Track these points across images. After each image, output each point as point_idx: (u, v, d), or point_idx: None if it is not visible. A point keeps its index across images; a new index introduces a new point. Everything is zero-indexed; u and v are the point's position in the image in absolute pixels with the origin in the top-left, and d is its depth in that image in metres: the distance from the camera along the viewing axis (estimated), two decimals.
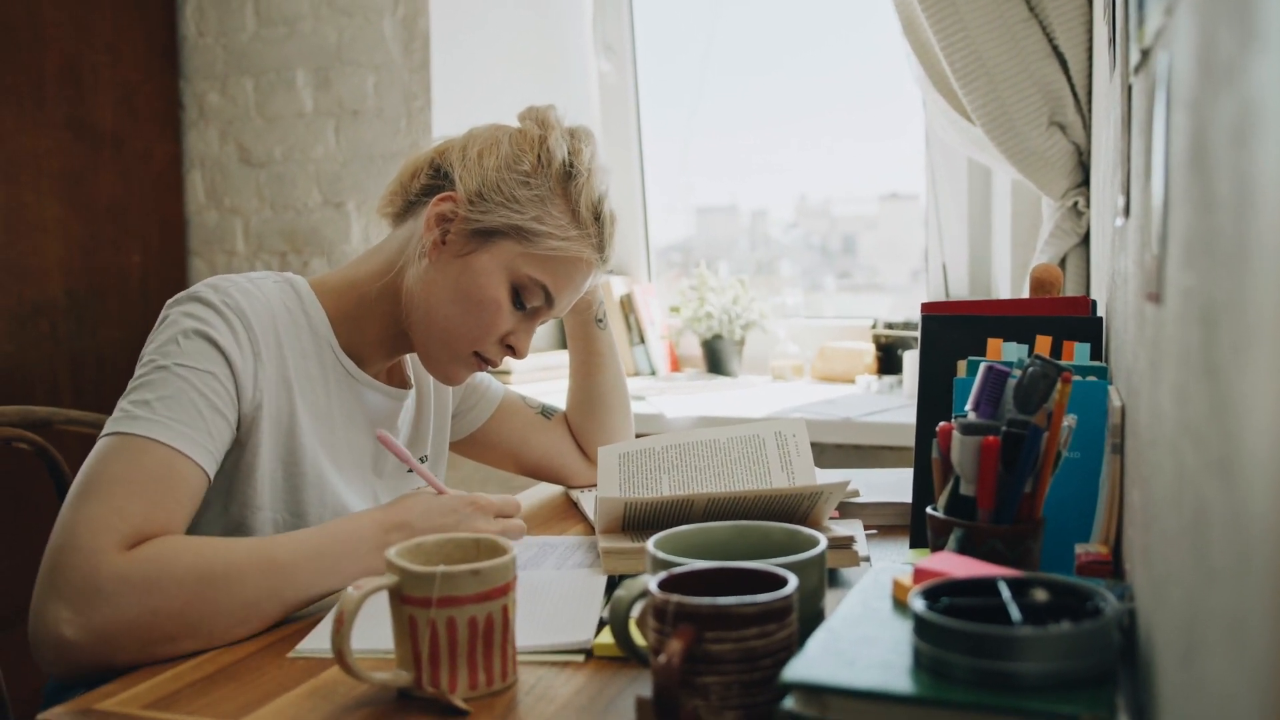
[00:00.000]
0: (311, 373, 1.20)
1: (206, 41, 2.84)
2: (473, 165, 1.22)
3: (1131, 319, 0.91)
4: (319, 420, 1.20)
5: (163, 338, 1.10)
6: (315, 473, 1.18)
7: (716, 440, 1.32)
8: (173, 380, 1.06)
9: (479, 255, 1.20)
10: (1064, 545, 1.01)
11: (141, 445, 1.02)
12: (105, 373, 2.65)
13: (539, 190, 1.21)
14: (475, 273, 1.20)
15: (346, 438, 1.24)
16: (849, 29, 2.90)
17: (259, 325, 1.13)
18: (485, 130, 1.27)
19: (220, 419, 1.08)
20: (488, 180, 1.20)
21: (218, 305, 1.11)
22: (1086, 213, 1.93)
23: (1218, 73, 0.43)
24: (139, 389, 1.06)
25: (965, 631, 0.65)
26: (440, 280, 1.21)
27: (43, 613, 0.95)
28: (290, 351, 1.17)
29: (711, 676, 0.73)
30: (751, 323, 2.68)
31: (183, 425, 1.04)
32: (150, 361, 1.08)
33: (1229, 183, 0.41)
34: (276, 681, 0.90)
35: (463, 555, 0.91)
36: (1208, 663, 0.45)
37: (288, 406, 1.16)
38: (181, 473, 1.03)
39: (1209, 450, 0.45)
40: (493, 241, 1.20)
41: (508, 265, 1.21)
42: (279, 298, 1.18)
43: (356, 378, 1.24)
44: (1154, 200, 0.65)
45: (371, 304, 1.24)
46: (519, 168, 1.21)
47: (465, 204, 1.20)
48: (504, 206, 1.20)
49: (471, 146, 1.24)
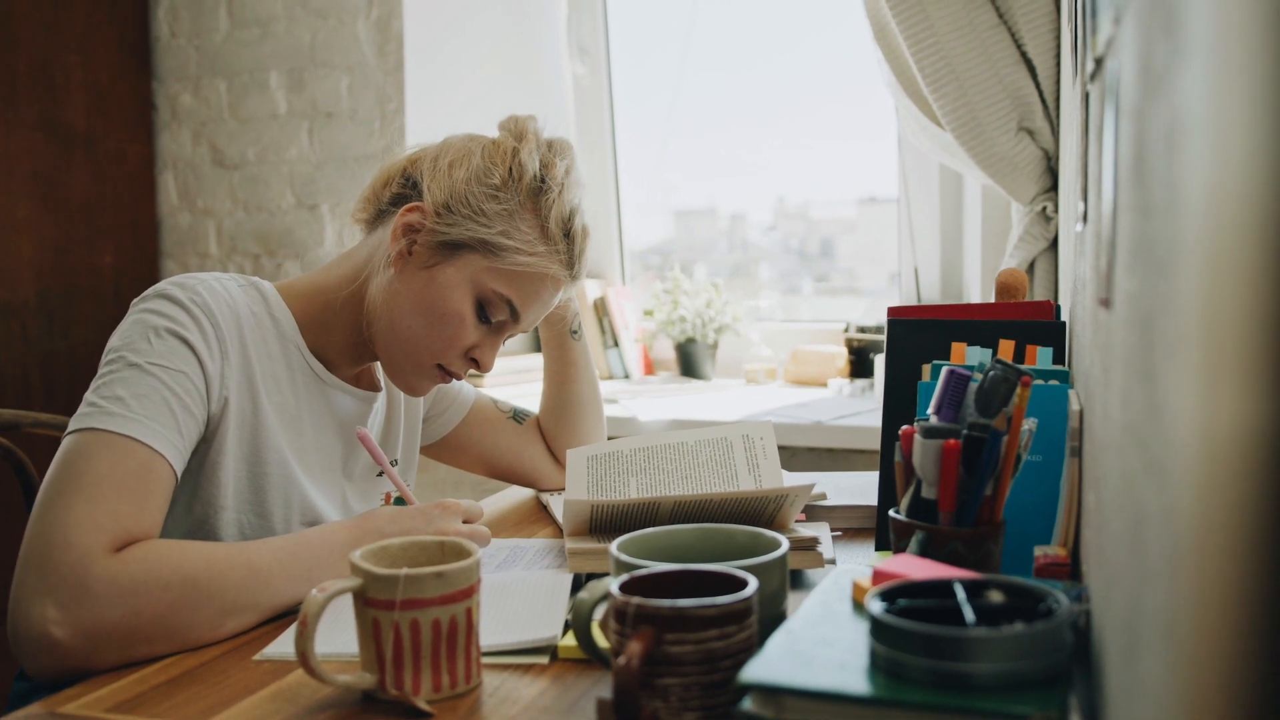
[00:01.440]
0: (279, 374, 1.20)
1: (179, 42, 2.83)
2: (442, 176, 1.21)
3: (1088, 324, 0.92)
4: (287, 422, 1.20)
5: (133, 335, 1.09)
6: (281, 474, 1.18)
7: (684, 443, 1.32)
8: (146, 378, 1.06)
9: (444, 268, 1.20)
10: (1025, 548, 1.02)
11: (122, 443, 1.02)
12: (77, 374, 2.64)
13: (508, 204, 1.20)
14: (440, 285, 1.20)
15: (315, 440, 1.24)
16: (825, 31, 2.92)
17: (225, 324, 1.13)
18: (460, 140, 1.26)
19: (191, 418, 1.08)
20: (456, 192, 1.20)
21: (185, 303, 1.11)
22: (1055, 218, 1.95)
23: (1153, 81, 0.44)
24: (110, 384, 1.06)
25: (920, 633, 0.66)
26: (404, 291, 1.20)
27: (28, 610, 0.94)
28: (255, 352, 1.16)
29: (671, 678, 0.74)
30: (725, 326, 2.69)
31: (157, 424, 1.04)
32: (120, 358, 1.07)
33: (1162, 189, 0.42)
34: (241, 684, 0.90)
35: (427, 558, 0.91)
36: (1146, 661, 0.45)
37: (252, 407, 1.16)
38: (159, 474, 1.03)
39: (1147, 452, 0.46)
40: (459, 255, 1.20)
41: (473, 279, 1.20)
42: (243, 299, 1.18)
43: (325, 380, 1.24)
44: (1104, 206, 0.66)
45: (338, 310, 1.24)
46: (489, 181, 1.20)
47: (433, 215, 1.20)
48: (471, 220, 1.19)
49: (444, 157, 1.23)
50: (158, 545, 0.99)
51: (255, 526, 1.17)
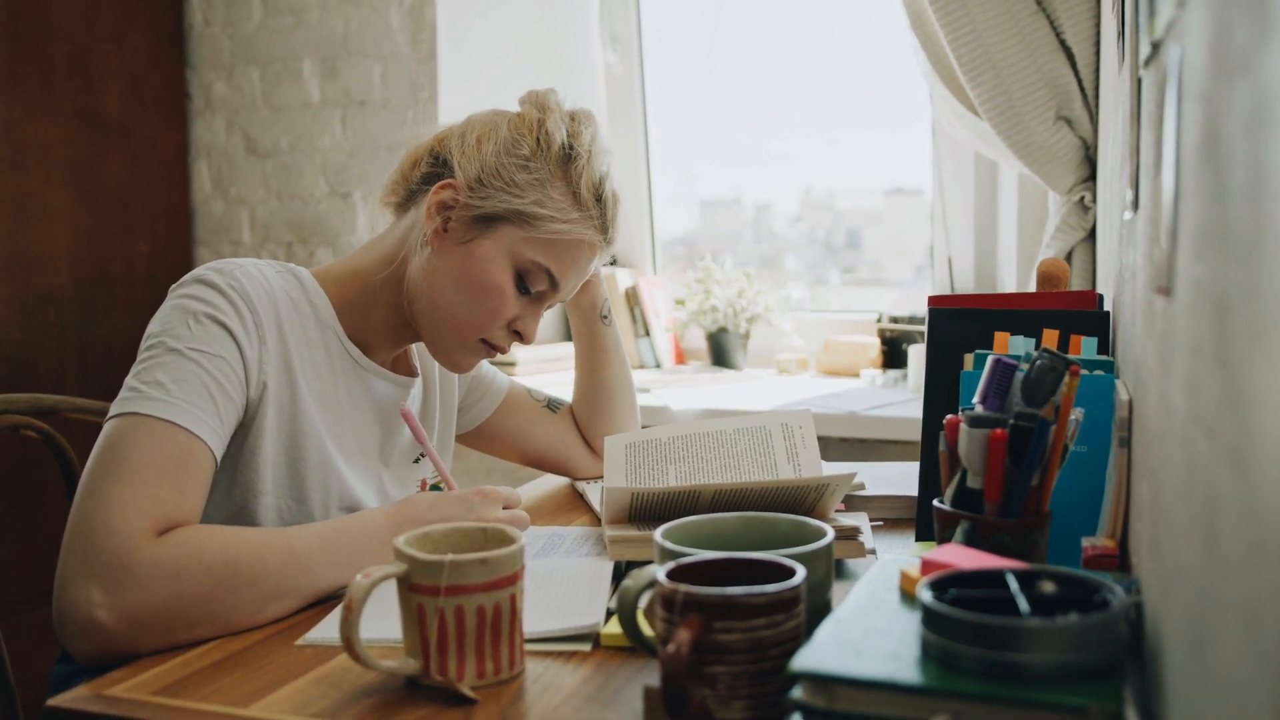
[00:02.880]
0: (317, 359, 1.20)
1: (213, 31, 2.84)
2: (471, 151, 1.21)
3: (1140, 313, 0.91)
4: (325, 406, 1.20)
5: (171, 321, 1.09)
6: (319, 459, 1.19)
7: (723, 431, 1.32)
8: (185, 363, 1.06)
9: (481, 241, 1.20)
10: (1070, 539, 1.01)
11: (163, 428, 1.02)
12: (112, 361, 2.66)
13: (538, 174, 1.21)
14: (478, 259, 1.20)
15: (354, 425, 1.24)
16: (854, 21, 2.90)
17: (263, 309, 1.13)
18: (484, 116, 1.27)
19: (230, 403, 1.08)
20: (487, 166, 1.20)
21: (223, 288, 1.11)
22: (1093, 207, 1.93)
23: (1232, 63, 0.43)
24: (150, 369, 1.06)
25: (973, 622, 0.65)
26: (443, 268, 1.21)
27: (72, 593, 0.95)
28: (293, 338, 1.17)
29: (720, 666, 0.73)
30: (757, 316, 2.68)
31: (197, 409, 1.05)
32: (160, 343, 1.08)
33: (1243, 172, 0.41)
34: (285, 669, 0.90)
35: (471, 545, 0.91)
36: (1218, 653, 0.45)
37: (290, 391, 1.16)
38: (199, 458, 1.04)
39: (1221, 440, 0.45)
40: (494, 227, 1.20)
41: (510, 251, 1.21)
42: (280, 285, 1.18)
43: (363, 365, 1.25)
44: (1164, 193, 0.65)
45: (376, 293, 1.24)
46: (518, 152, 1.21)
47: (465, 191, 1.20)
48: (504, 191, 1.20)
49: (470, 133, 1.24)
50: (199, 530, 1.00)
51: (294, 511, 1.18)
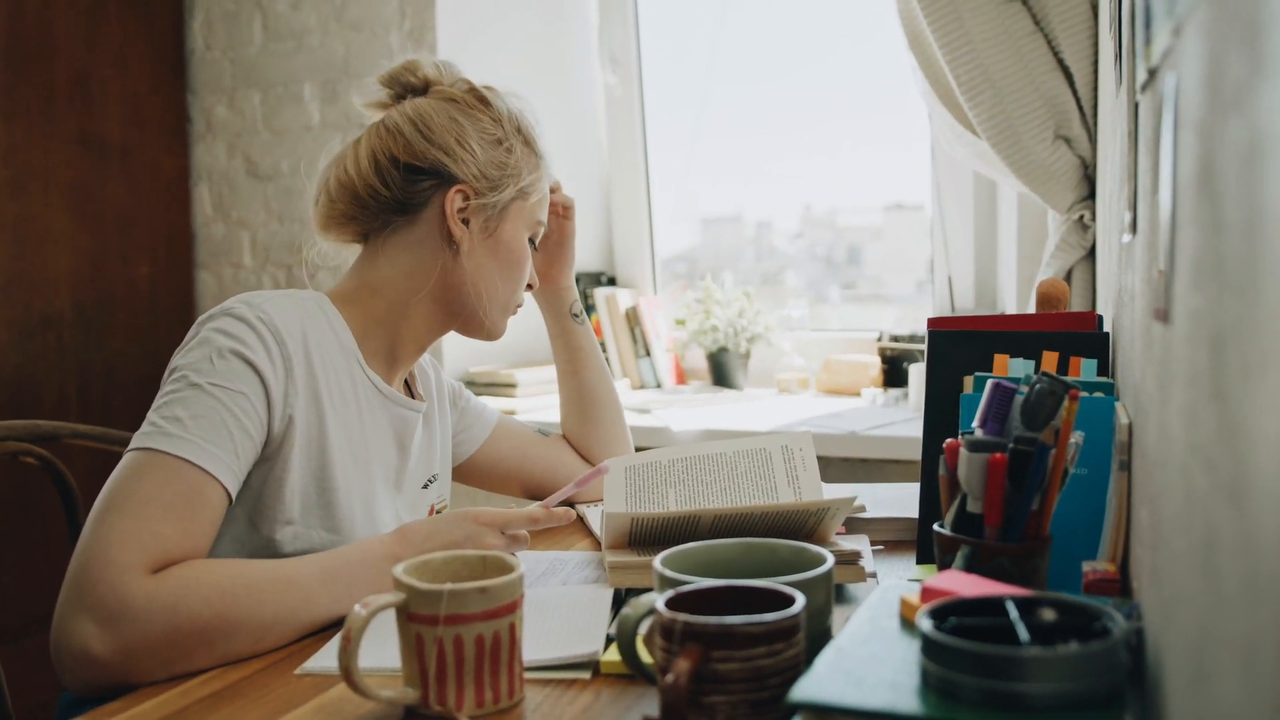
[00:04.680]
0: (344, 387, 1.20)
1: (214, 55, 2.85)
2: (461, 152, 1.26)
3: (1139, 336, 0.91)
4: (352, 435, 1.21)
5: (196, 354, 1.10)
6: (349, 488, 1.19)
7: (723, 454, 1.32)
8: (205, 399, 1.06)
9: (503, 227, 1.29)
10: (1071, 563, 1.00)
11: (176, 465, 1.03)
12: (113, 385, 2.66)
13: (513, 149, 1.29)
14: (507, 243, 1.30)
15: (378, 451, 1.25)
16: (853, 40, 2.91)
17: (291, 342, 1.13)
18: (390, 126, 1.29)
19: (248, 440, 1.08)
20: (480, 160, 1.27)
21: (252, 321, 1.12)
22: (1092, 226, 1.93)
23: (1226, 97, 0.43)
24: (170, 404, 1.06)
25: (973, 652, 0.65)
26: (482, 264, 1.28)
27: (69, 627, 0.96)
28: (321, 368, 1.17)
29: (719, 696, 0.73)
30: (757, 335, 2.68)
31: (214, 446, 1.05)
32: (183, 377, 1.08)
33: (1238, 207, 0.41)
34: (283, 699, 0.90)
35: (470, 573, 0.91)
36: (1218, 687, 0.44)
37: (318, 423, 1.16)
38: (209, 496, 1.04)
39: (1218, 474, 0.45)
40: (507, 210, 1.29)
41: (524, 222, 1.32)
42: (309, 315, 1.19)
43: (384, 392, 1.26)
44: (1161, 218, 0.65)
45: (405, 308, 1.27)
46: (492, 135, 1.28)
47: (473, 189, 1.26)
48: (506, 177, 1.28)
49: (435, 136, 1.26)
50: (196, 564, 1.00)
51: (328, 542, 1.17)
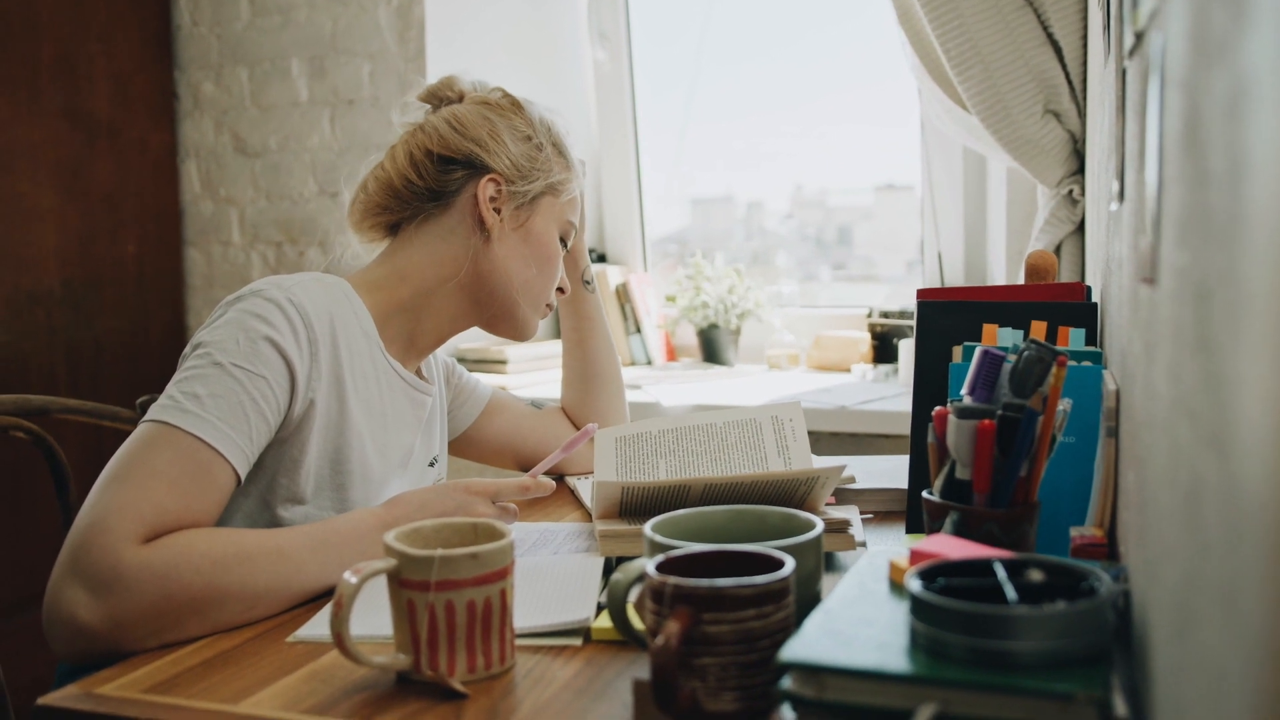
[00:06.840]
0: (365, 371, 1.21)
1: (201, 31, 2.84)
2: (494, 144, 1.29)
3: (1126, 303, 0.91)
4: (372, 418, 1.22)
5: (223, 333, 1.10)
6: (362, 470, 1.20)
7: (713, 424, 1.32)
8: (226, 379, 1.07)
9: (533, 219, 1.32)
10: (1059, 529, 1.01)
11: (187, 441, 1.03)
12: (102, 362, 2.65)
13: (545, 149, 1.33)
14: (536, 236, 1.32)
15: (396, 436, 1.27)
16: (843, 17, 2.90)
17: (319, 325, 1.14)
18: (449, 117, 1.32)
19: (263, 424, 1.09)
20: (514, 155, 1.30)
21: (281, 303, 1.12)
22: (1081, 200, 1.94)
23: (1211, 50, 0.44)
24: (190, 380, 1.07)
25: (961, 611, 0.66)
26: (509, 252, 1.31)
27: (60, 595, 0.96)
28: (345, 351, 1.18)
29: (709, 658, 0.74)
30: (747, 312, 2.69)
31: (228, 427, 1.05)
32: (206, 354, 1.08)
33: (1222, 158, 0.41)
34: (275, 666, 0.90)
35: (461, 540, 0.91)
36: (1201, 635, 0.45)
37: (339, 406, 1.17)
38: (217, 476, 1.04)
39: (1202, 425, 0.45)
40: (538, 204, 1.32)
41: (555, 219, 1.35)
42: (335, 300, 1.20)
43: (404, 377, 1.27)
44: (1148, 182, 0.65)
45: (432, 296, 1.29)
46: (524, 133, 1.32)
47: (507, 180, 1.29)
48: (538, 171, 1.31)
49: (467, 130, 1.30)
50: (190, 533, 1.00)
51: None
